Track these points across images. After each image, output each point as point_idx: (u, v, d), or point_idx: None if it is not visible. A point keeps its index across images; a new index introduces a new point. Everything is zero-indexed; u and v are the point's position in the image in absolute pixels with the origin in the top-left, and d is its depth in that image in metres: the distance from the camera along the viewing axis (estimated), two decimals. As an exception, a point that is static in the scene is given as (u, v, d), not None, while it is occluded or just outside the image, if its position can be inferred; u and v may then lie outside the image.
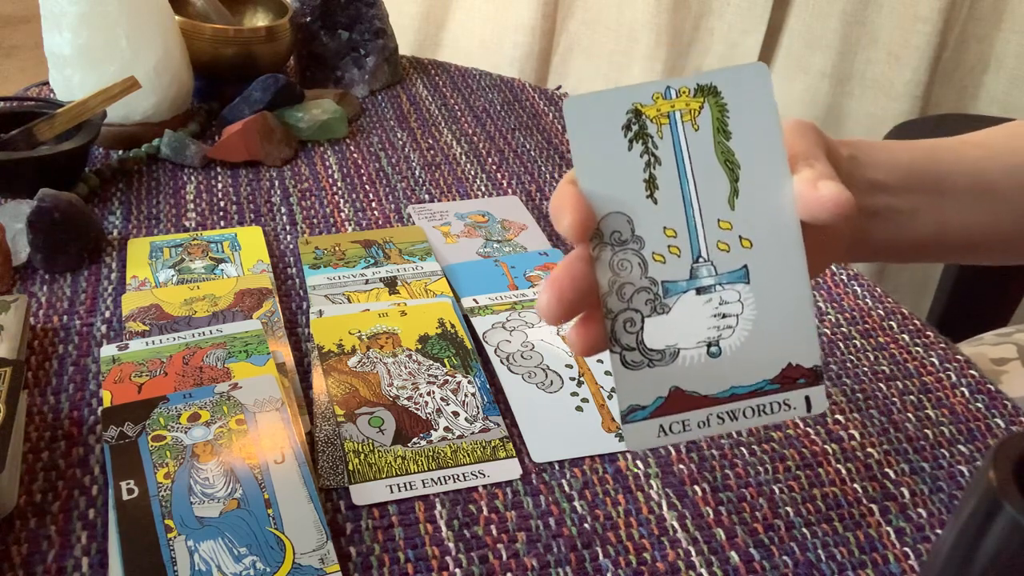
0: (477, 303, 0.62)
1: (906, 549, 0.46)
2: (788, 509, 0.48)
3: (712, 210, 0.38)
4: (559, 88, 1.01)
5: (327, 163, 0.81)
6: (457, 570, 0.44)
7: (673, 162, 0.38)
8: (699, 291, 0.38)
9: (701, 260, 0.38)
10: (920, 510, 0.49)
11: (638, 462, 0.50)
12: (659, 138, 0.38)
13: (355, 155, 0.83)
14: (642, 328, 0.38)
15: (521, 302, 0.62)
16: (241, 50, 0.87)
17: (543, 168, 0.82)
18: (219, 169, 0.79)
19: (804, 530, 0.47)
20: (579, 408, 0.54)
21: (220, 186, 0.76)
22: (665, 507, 0.48)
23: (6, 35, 2.71)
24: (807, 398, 0.39)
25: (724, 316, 0.38)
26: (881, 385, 0.58)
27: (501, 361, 0.57)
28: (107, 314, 0.60)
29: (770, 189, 0.38)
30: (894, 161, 0.50)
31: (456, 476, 0.49)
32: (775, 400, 0.38)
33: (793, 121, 0.43)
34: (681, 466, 0.51)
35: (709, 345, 0.38)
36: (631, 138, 0.38)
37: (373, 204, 0.75)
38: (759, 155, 0.38)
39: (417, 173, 0.80)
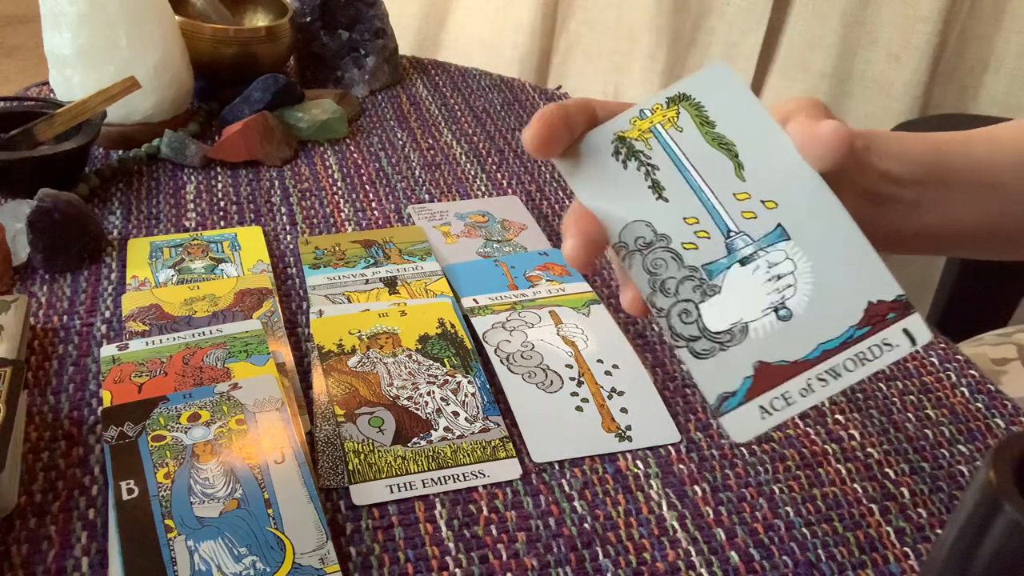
0: (477, 303, 0.62)
1: (906, 549, 0.46)
2: (788, 509, 0.48)
3: (724, 187, 0.38)
4: (559, 88, 1.01)
5: (327, 163, 0.81)
6: (457, 570, 0.44)
7: (670, 163, 0.39)
8: (743, 263, 0.38)
9: (732, 234, 0.38)
10: (920, 510, 0.49)
11: (638, 462, 0.51)
12: (648, 150, 0.39)
13: (355, 155, 0.83)
14: (699, 315, 0.37)
15: (521, 302, 0.62)
16: (241, 50, 0.87)
17: (543, 168, 0.82)
18: (219, 169, 0.79)
19: (804, 530, 0.47)
20: (579, 408, 0.54)
21: (220, 186, 0.76)
22: (665, 507, 0.48)
23: (6, 35, 2.71)
24: (906, 331, 0.36)
25: (779, 278, 0.37)
26: (881, 385, 0.58)
27: (501, 361, 0.57)
28: (107, 314, 0.60)
29: (771, 150, 0.38)
30: (905, 153, 0.50)
31: (456, 476, 0.49)
32: (872, 344, 0.36)
33: (799, 96, 0.43)
34: (681, 466, 0.51)
35: (776, 310, 0.37)
36: (623, 160, 0.39)
37: (373, 204, 0.75)
38: (748, 128, 0.39)
39: (417, 173, 0.80)
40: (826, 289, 0.37)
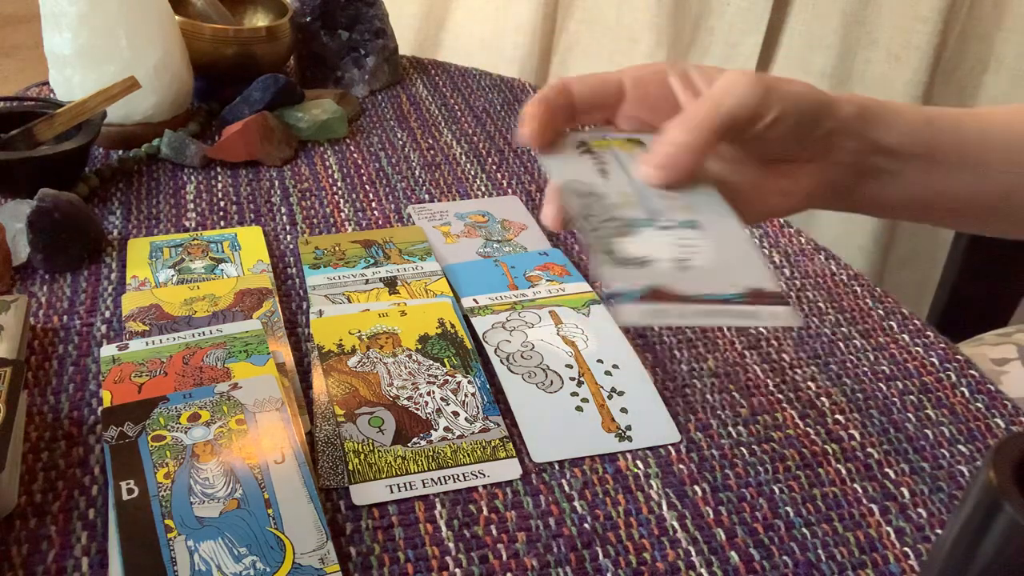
0: (477, 303, 0.62)
1: (906, 549, 0.46)
2: (788, 509, 0.48)
3: (658, 192, 0.46)
4: (559, 88, 1.01)
5: (327, 163, 0.81)
6: (457, 570, 0.44)
7: (618, 164, 0.47)
8: (660, 228, 0.44)
9: (656, 212, 0.44)
10: (920, 510, 0.49)
11: (638, 462, 0.51)
12: (604, 155, 0.48)
13: (355, 155, 0.83)
14: (614, 245, 0.42)
15: (521, 302, 0.62)
16: (241, 50, 0.87)
17: (543, 168, 0.82)
18: (219, 169, 0.79)
19: (804, 530, 0.47)
20: (579, 408, 0.54)
21: (220, 186, 0.76)
22: (665, 507, 0.48)
23: (6, 35, 2.71)
24: (775, 313, 0.41)
25: (687, 245, 0.43)
26: (881, 385, 0.58)
27: (501, 361, 0.57)
28: (107, 314, 0.60)
29: (704, 194, 0.46)
30: (896, 124, 0.50)
31: (456, 476, 0.49)
32: (745, 309, 0.41)
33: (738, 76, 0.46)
34: (681, 466, 0.51)
35: (679, 261, 0.42)
36: (582, 153, 0.48)
37: (373, 204, 0.75)
38: (695, 187, 0.46)
39: (417, 173, 0.80)
40: (722, 264, 0.43)
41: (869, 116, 0.49)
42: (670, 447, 0.52)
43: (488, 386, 0.55)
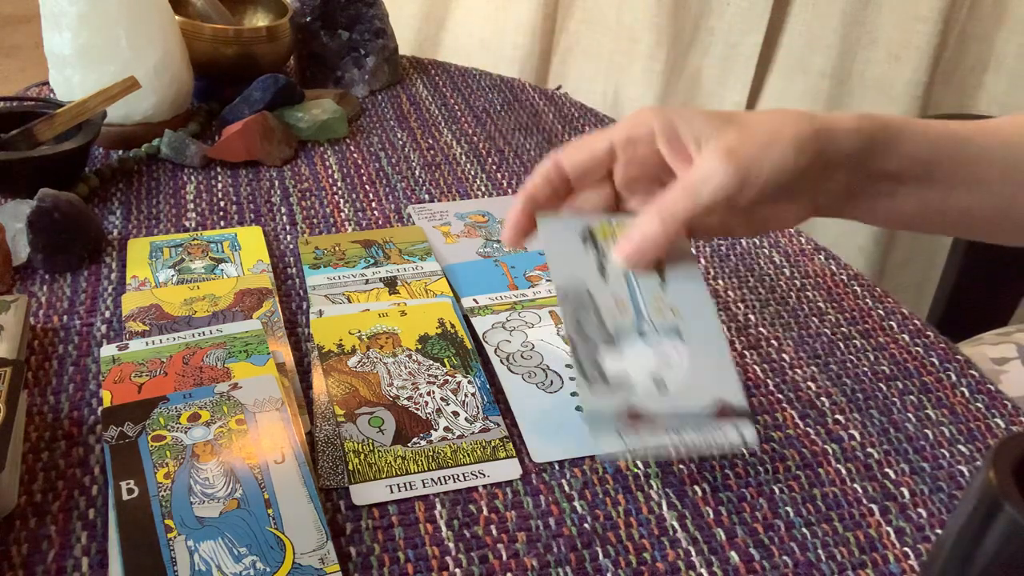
0: (477, 303, 0.62)
1: (906, 549, 0.46)
2: (788, 509, 0.48)
3: (648, 289, 0.50)
4: (559, 88, 1.01)
5: (327, 163, 0.81)
6: (457, 570, 0.44)
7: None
8: (643, 338, 0.48)
9: (643, 319, 0.48)
10: (920, 510, 0.49)
11: (638, 462, 0.50)
12: (606, 247, 0.51)
13: (355, 155, 0.83)
14: (601, 360, 0.47)
15: (521, 302, 0.62)
16: (241, 50, 0.87)
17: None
18: (219, 169, 0.79)
19: (804, 530, 0.47)
20: (579, 408, 0.54)
21: (220, 186, 0.76)
22: (665, 507, 0.48)
23: (6, 35, 2.71)
24: (740, 432, 0.46)
25: (666, 361, 0.47)
26: (881, 385, 0.58)
27: (501, 361, 0.57)
28: (107, 314, 0.60)
29: (688, 275, 0.51)
30: (899, 149, 0.51)
31: (456, 476, 0.49)
32: (713, 427, 0.46)
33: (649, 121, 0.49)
34: (681, 466, 0.51)
35: (655, 379, 0.47)
36: (585, 244, 0.51)
37: (373, 204, 0.75)
38: (678, 262, 0.51)
39: (417, 173, 0.80)
40: (695, 381, 0.47)
41: (873, 145, 0.50)
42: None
43: (488, 386, 0.55)
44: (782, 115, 0.49)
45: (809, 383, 0.57)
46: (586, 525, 0.46)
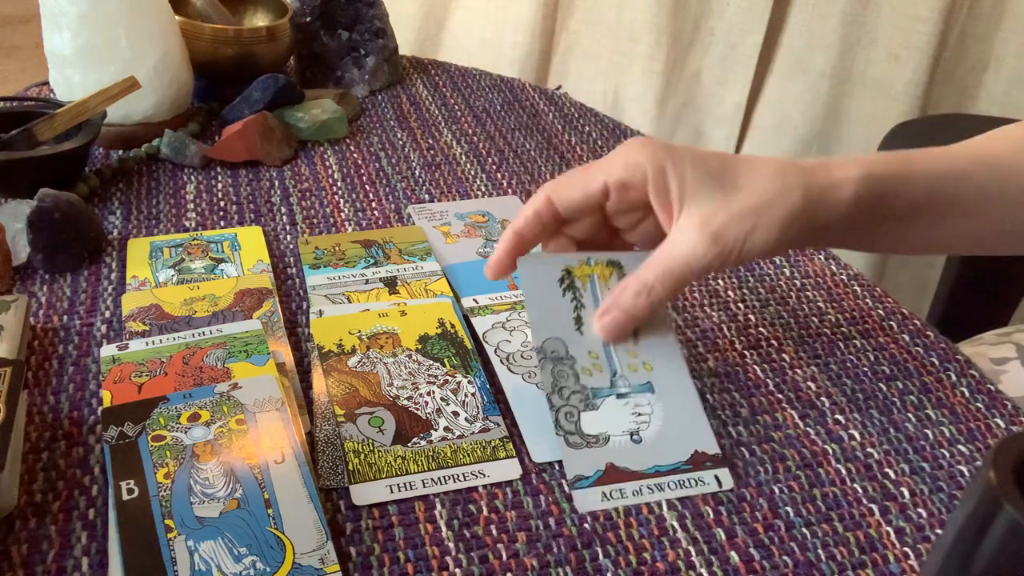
0: (477, 303, 0.62)
1: (906, 549, 0.46)
2: (788, 509, 0.48)
3: (622, 345, 0.52)
4: (559, 88, 1.01)
5: (327, 163, 0.81)
6: (457, 570, 0.44)
7: (593, 307, 0.53)
8: (618, 396, 0.51)
9: (617, 375, 0.51)
10: (920, 510, 0.49)
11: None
12: (584, 290, 0.53)
13: (355, 155, 0.83)
14: (579, 419, 0.49)
15: (521, 302, 0.62)
16: (241, 50, 0.87)
17: (543, 168, 0.82)
18: (219, 169, 0.79)
19: (804, 530, 0.47)
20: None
21: (220, 186, 0.76)
22: (665, 507, 0.48)
23: (6, 35, 2.71)
24: (716, 476, 0.49)
25: (640, 415, 0.50)
26: (881, 385, 0.58)
27: (501, 361, 0.57)
28: (107, 314, 0.60)
29: (661, 331, 0.54)
30: (900, 195, 0.53)
31: (456, 476, 0.49)
32: (690, 477, 0.49)
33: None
34: (681, 466, 0.50)
35: (632, 434, 0.49)
36: (564, 288, 0.53)
37: (373, 204, 0.75)
38: (651, 318, 0.52)
39: (417, 173, 0.80)
40: (669, 432, 0.50)
41: (868, 204, 0.51)
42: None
43: (488, 386, 0.55)
44: (779, 183, 0.49)
45: (809, 383, 0.57)
46: (586, 525, 0.46)
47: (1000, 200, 0.53)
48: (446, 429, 0.51)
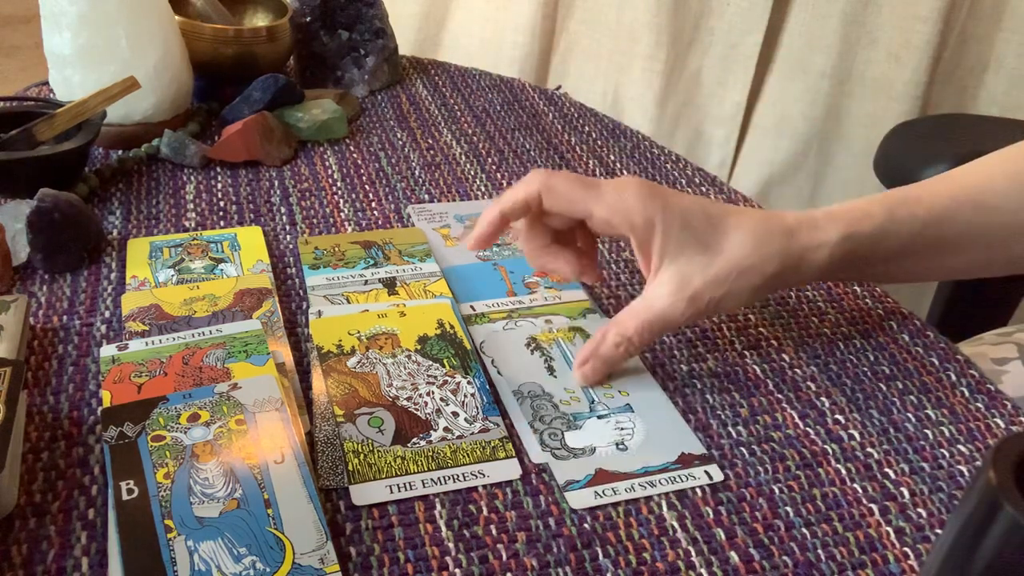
0: (475, 310, 0.62)
1: (906, 549, 0.46)
2: (788, 509, 0.48)
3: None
4: (559, 88, 1.01)
5: (327, 163, 0.81)
6: (457, 570, 0.44)
7: (563, 359, 0.57)
8: (599, 418, 0.52)
9: (595, 403, 0.54)
10: (920, 510, 0.49)
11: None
12: (550, 349, 0.58)
13: (355, 155, 0.83)
14: (563, 437, 0.51)
15: (518, 309, 0.62)
16: (241, 50, 0.87)
17: (543, 168, 0.82)
18: (219, 169, 0.79)
19: (804, 530, 0.47)
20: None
21: (220, 186, 0.76)
22: (665, 507, 0.48)
23: (6, 35, 2.71)
24: (706, 472, 0.50)
25: (623, 429, 0.52)
26: (881, 385, 0.58)
27: (499, 372, 0.57)
28: (107, 314, 0.60)
29: (633, 369, 0.57)
30: (883, 246, 0.55)
31: (456, 476, 0.49)
32: (680, 473, 0.50)
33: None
34: (681, 466, 0.50)
35: (617, 444, 0.51)
36: (531, 351, 0.58)
37: (373, 204, 0.75)
38: None
39: (417, 173, 0.80)
40: (655, 440, 0.51)
41: (847, 256, 0.54)
42: (670, 447, 0.52)
43: (487, 386, 0.55)
44: (760, 251, 0.52)
45: (809, 383, 0.57)
46: (586, 525, 0.46)
47: (985, 237, 0.55)
48: (446, 429, 0.51)
